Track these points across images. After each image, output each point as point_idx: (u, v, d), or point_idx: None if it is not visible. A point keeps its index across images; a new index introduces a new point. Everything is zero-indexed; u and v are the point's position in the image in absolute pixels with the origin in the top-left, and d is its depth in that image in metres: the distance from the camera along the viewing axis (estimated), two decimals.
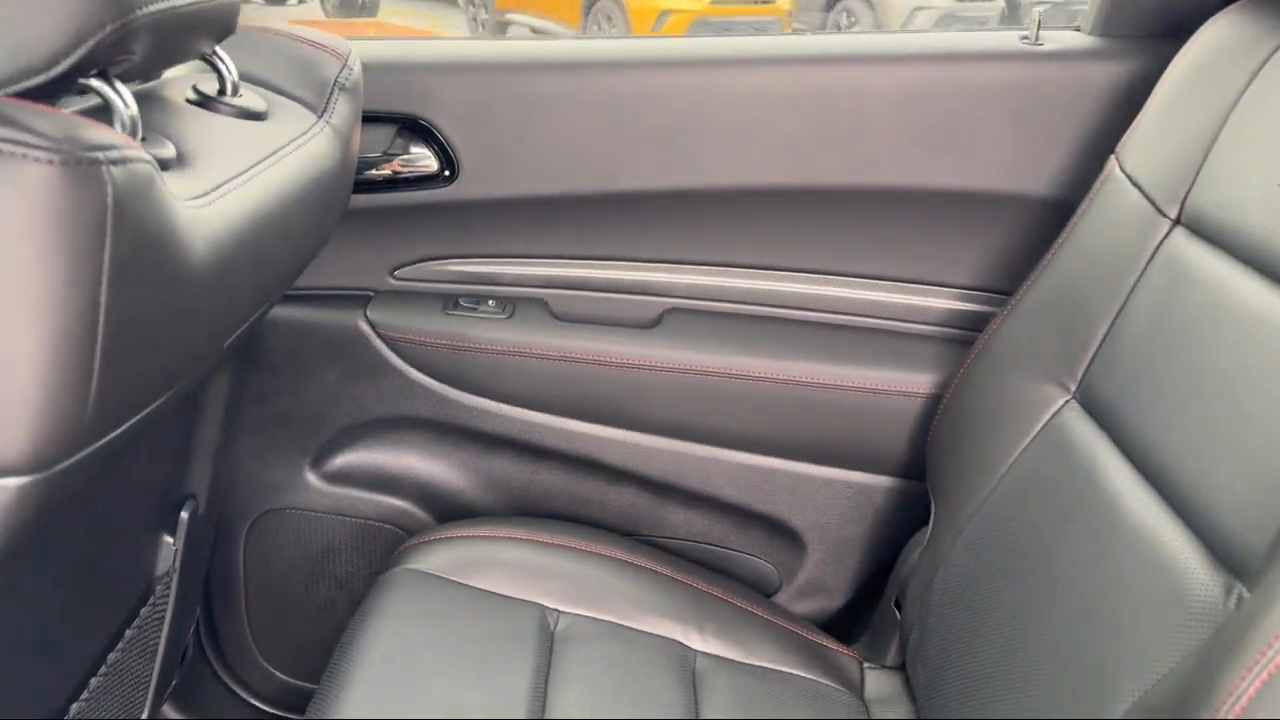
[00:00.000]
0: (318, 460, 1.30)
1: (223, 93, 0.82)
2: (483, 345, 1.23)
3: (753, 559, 1.31)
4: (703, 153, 1.18)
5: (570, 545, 1.13)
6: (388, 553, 1.26)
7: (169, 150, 0.67)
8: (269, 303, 0.88)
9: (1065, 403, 0.94)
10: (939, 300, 1.25)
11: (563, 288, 1.27)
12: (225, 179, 0.69)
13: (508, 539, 1.12)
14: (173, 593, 1.06)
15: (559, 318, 1.27)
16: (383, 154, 1.19)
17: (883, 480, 1.24)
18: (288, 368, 1.26)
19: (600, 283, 1.27)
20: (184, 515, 1.04)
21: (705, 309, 1.28)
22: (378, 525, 1.32)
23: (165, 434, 0.96)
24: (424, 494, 1.31)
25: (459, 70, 1.19)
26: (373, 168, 1.19)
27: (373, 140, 1.17)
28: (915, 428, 1.20)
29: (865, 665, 1.11)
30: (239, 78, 0.83)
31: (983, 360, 1.08)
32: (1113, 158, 1.02)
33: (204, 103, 0.80)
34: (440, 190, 1.20)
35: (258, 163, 0.75)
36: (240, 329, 0.79)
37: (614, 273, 1.27)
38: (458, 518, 1.23)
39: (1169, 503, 0.77)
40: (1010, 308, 1.07)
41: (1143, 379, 0.86)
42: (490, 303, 1.26)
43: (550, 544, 1.12)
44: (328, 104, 0.92)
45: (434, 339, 1.24)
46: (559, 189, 1.21)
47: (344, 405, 1.27)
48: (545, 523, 1.20)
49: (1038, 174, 1.16)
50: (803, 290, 1.26)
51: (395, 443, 1.30)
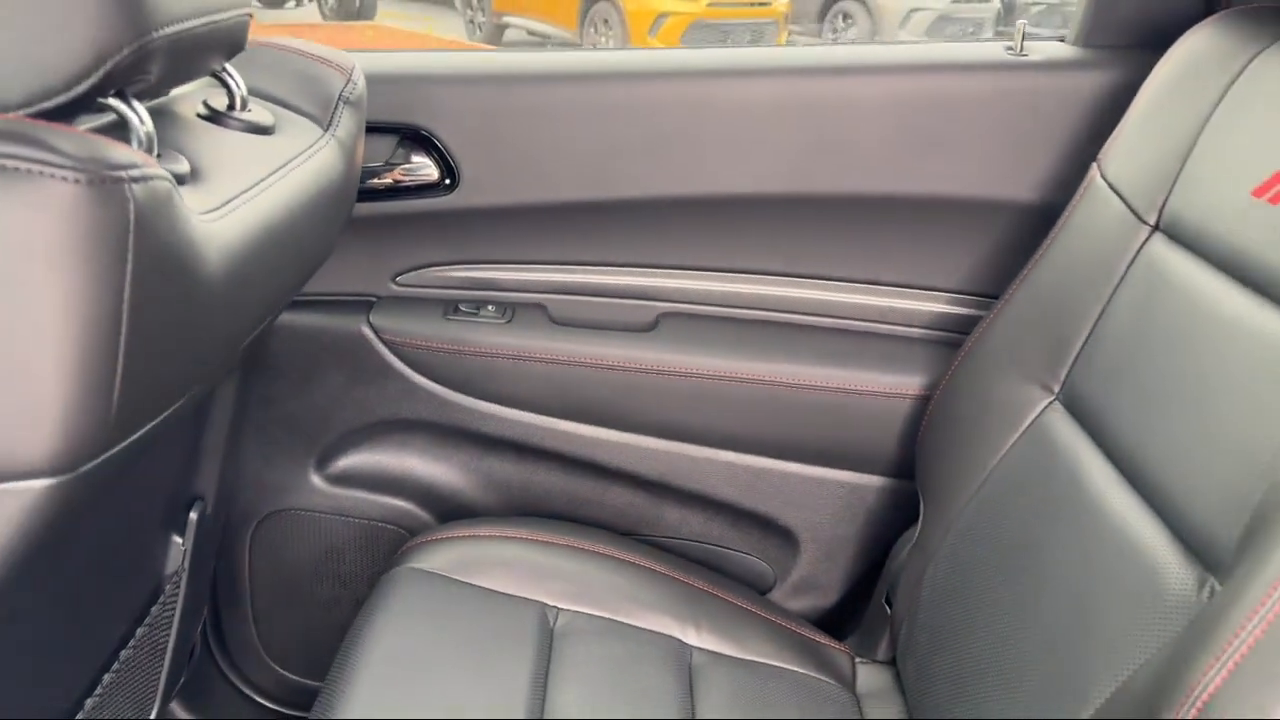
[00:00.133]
0: (322, 462, 1.31)
1: (232, 108, 0.83)
2: (483, 349, 1.25)
3: (747, 557, 1.32)
4: (697, 161, 1.20)
5: (569, 544, 1.14)
6: (390, 552, 1.28)
7: (183, 166, 0.69)
8: (278, 310, 0.90)
9: (1049, 404, 0.96)
10: (928, 304, 1.26)
11: (560, 293, 1.29)
12: (237, 193, 0.71)
13: (508, 538, 1.14)
14: (182, 592, 1.06)
15: (557, 322, 1.28)
16: (385, 163, 1.20)
17: (874, 480, 1.26)
18: (293, 372, 1.27)
19: (597, 288, 1.28)
20: (193, 516, 1.05)
21: (700, 313, 1.29)
22: (381, 526, 1.33)
23: (175, 437, 0.97)
24: (426, 495, 1.33)
25: (459, 82, 1.21)
26: (375, 177, 1.20)
27: (375, 150, 1.19)
28: (905, 428, 1.22)
29: (857, 660, 1.12)
30: (247, 93, 0.85)
31: (970, 363, 1.10)
32: (1094, 165, 1.04)
33: (214, 118, 0.82)
34: (441, 199, 1.22)
35: (267, 176, 0.77)
36: (251, 335, 0.81)
37: (610, 278, 1.28)
38: (459, 518, 1.24)
39: (1146, 500, 0.79)
40: (996, 311, 1.08)
41: (1122, 381, 0.88)
42: (490, 308, 1.27)
43: (549, 543, 1.14)
44: (333, 118, 0.93)
45: (435, 343, 1.25)
46: (557, 197, 1.22)
47: (347, 408, 1.28)
48: (545, 522, 1.21)
49: (1023, 181, 1.18)
50: (795, 295, 1.27)
51: (397, 445, 1.31)
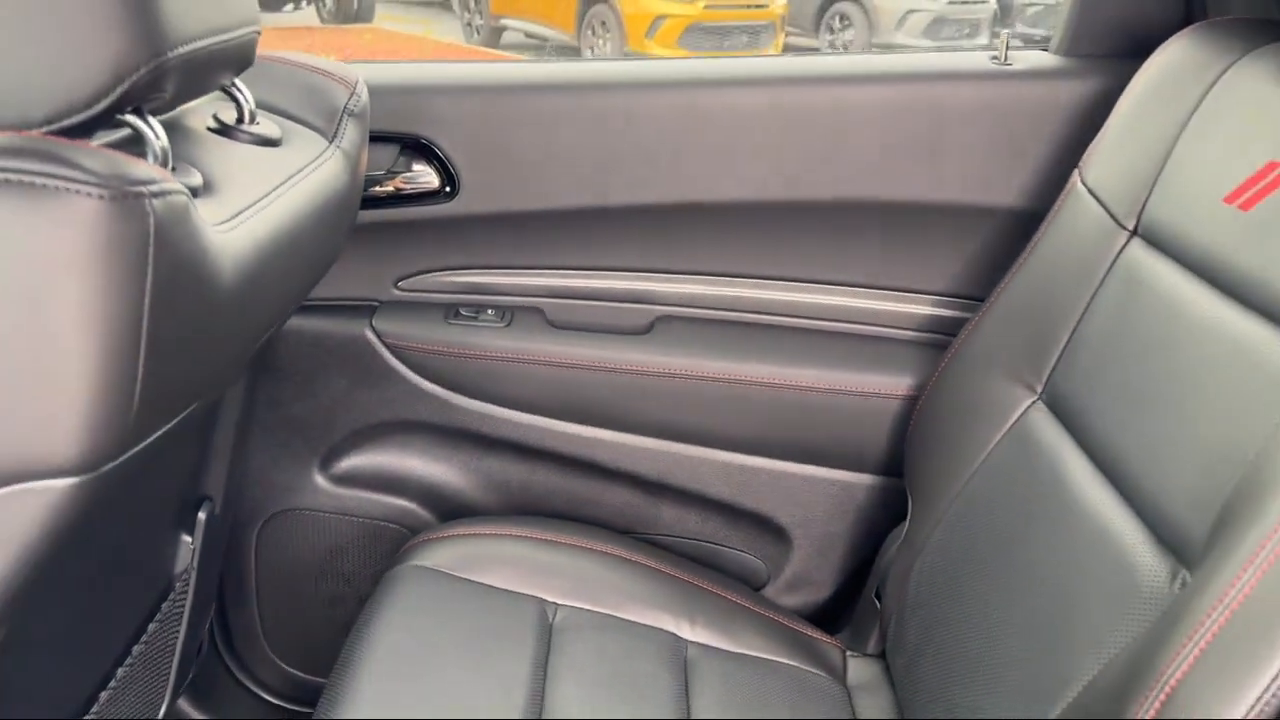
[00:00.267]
0: (326, 463, 1.34)
1: (241, 121, 0.86)
2: (482, 352, 1.27)
3: (742, 554, 1.34)
4: (691, 168, 1.23)
5: (567, 542, 1.16)
6: (393, 551, 1.30)
7: (197, 179, 0.72)
8: (287, 315, 0.92)
9: (1032, 403, 0.99)
10: (916, 306, 1.29)
11: (558, 297, 1.31)
12: (248, 204, 0.74)
13: (508, 536, 1.16)
14: (191, 589, 1.08)
15: (555, 325, 1.30)
16: (387, 172, 1.23)
17: (864, 478, 1.28)
18: (298, 375, 1.29)
19: (594, 292, 1.31)
20: (201, 515, 1.07)
21: (695, 316, 1.32)
22: (383, 525, 1.35)
23: (186, 439, 1.00)
24: (427, 494, 1.35)
25: (459, 93, 1.24)
26: (377, 185, 1.23)
27: (377, 159, 1.21)
28: (894, 427, 1.24)
29: (848, 653, 1.15)
30: (255, 106, 0.88)
31: (956, 364, 1.13)
32: (1076, 172, 1.06)
33: (224, 131, 0.84)
34: (441, 206, 1.25)
35: (276, 188, 0.80)
36: (262, 340, 0.84)
37: (607, 282, 1.31)
38: (460, 517, 1.26)
39: (1124, 496, 0.82)
40: (982, 314, 1.11)
41: (1102, 381, 0.90)
42: (489, 312, 1.30)
43: (548, 541, 1.16)
44: (338, 130, 0.96)
45: (436, 347, 1.27)
46: (554, 204, 1.25)
47: (351, 410, 1.31)
48: (543, 521, 1.23)
49: (1007, 187, 1.20)
50: (787, 298, 1.30)
51: (400, 446, 1.34)
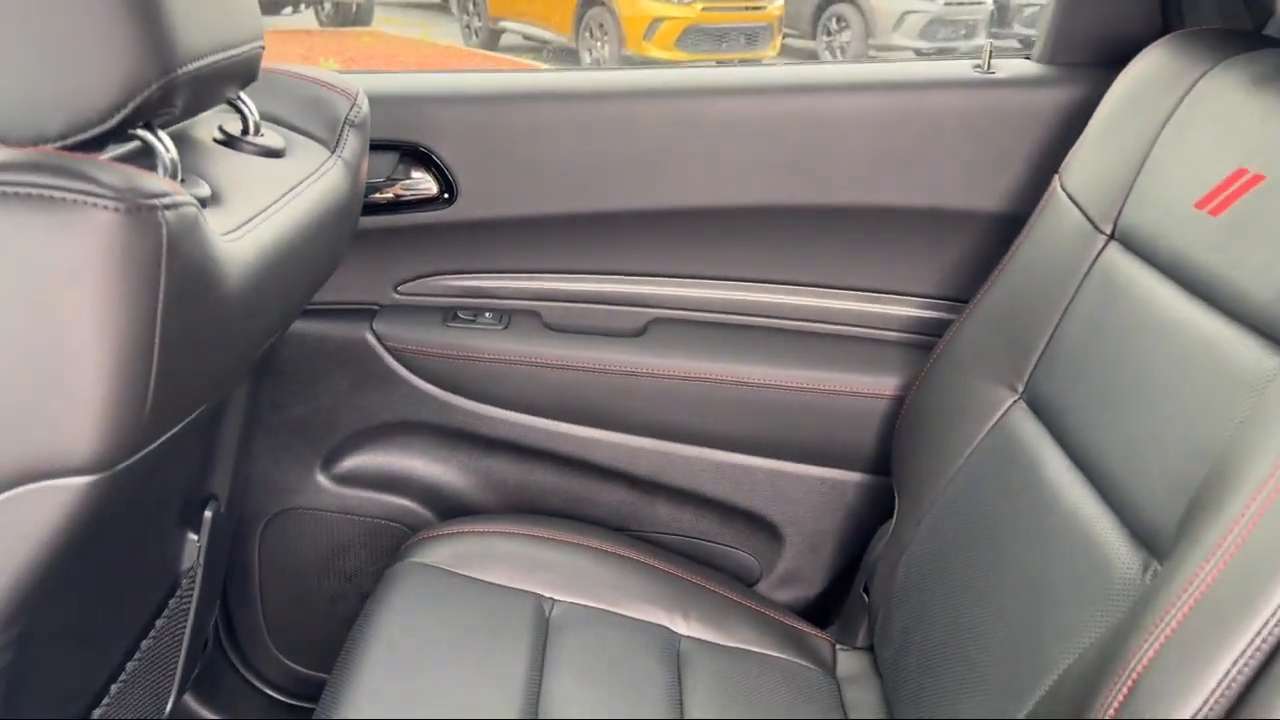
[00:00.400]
0: (328, 463, 1.36)
1: (246, 133, 0.88)
2: (481, 354, 1.29)
3: (735, 551, 1.37)
4: (683, 175, 1.25)
5: (564, 539, 1.19)
6: (394, 549, 1.31)
7: (205, 190, 0.75)
8: (291, 319, 0.95)
9: (1014, 402, 1.01)
10: (902, 308, 1.31)
11: (554, 300, 1.34)
12: (254, 214, 0.77)
13: (506, 534, 1.18)
14: (197, 586, 1.11)
15: (551, 328, 1.33)
16: (386, 179, 1.26)
17: (853, 476, 1.31)
18: (301, 377, 1.32)
19: (589, 295, 1.33)
20: (207, 514, 1.10)
21: (688, 318, 1.34)
22: (384, 523, 1.38)
23: (193, 440, 1.03)
24: (427, 494, 1.37)
25: (456, 102, 1.26)
26: (377, 192, 1.25)
27: (377, 166, 1.24)
28: (882, 427, 1.27)
29: (837, 647, 1.17)
30: (259, 118, 0.90)
31: (941, 364, 1.15)
32: (1056, 178, 1.09)
33: (230, 143, 0.87)
34: (440, 212, 1.27)
35: (280, 198, 0.82)
36: (267, 344, 0.87)
37: (602, 286, 1.33)
38: (459, 515, 1.28)
39: (1099, 491, 0.85)
40: (965, 315, 1.14)
41: (1080, 380, 0.93)
42: (487, 315, 1.32)
43: (545, 538, 1.18)
44: (339, 140, 0.98)
45: (435, 349, 1.30)
46: (550, 209, 1.27)
47: (352, 412, 1.33)
48: (541, 519, 1.25)
49: (990, 192, 1.23)
50: (778, 300, 1.33)
51: (400, 446, 1.36)
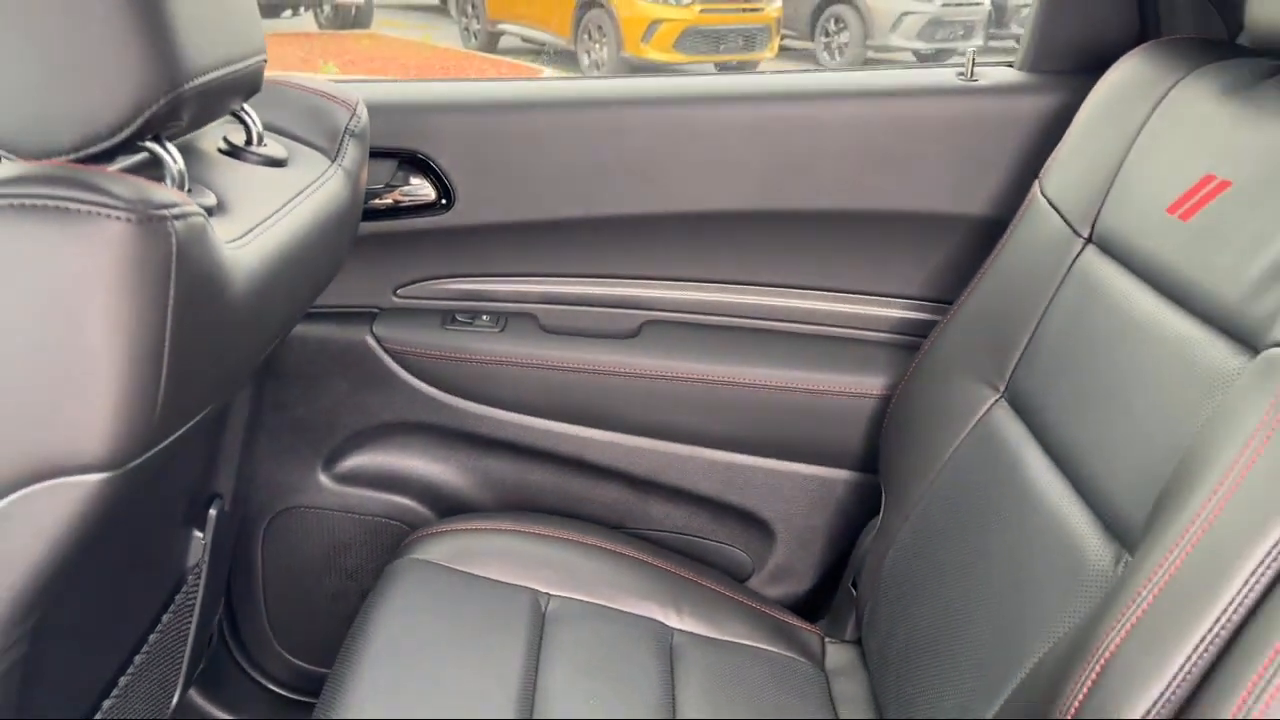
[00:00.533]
0: (329, 463, 1.38)
1: (249, 143, 0.91)
2: (478, 356, 1.32)
3: (727, 547, 1.39)
4: (675, 180, 1.28)
5: (560, 536, 1.21)
6: (394, 546, 1.35)
7: (211, 199, 0.77)
8: (294, 323, 0.98)
9: (995, 401, 1.04)
10: (888, 310, 1.34)
11: (550, 303, 1.36)
12: (258, 222, 0.80)
13: (503, 531, 1.20)
14: (202, 583, 1.14)
15: (547, 330, 1.35)
16: (385, 185, 1.28)
17: (842, 474, 1.33)
18: (303, 379, 1.34)
19: (584, 298, 1.36)
20: (212, 513, 1.13)
21: (681, 321, 1.37)
22: (384, 521, 1.40)
23: (198, 440, 1.05)
24: (426, 492, 1.40)
25: (454, 109, 1.29)
26: (377, 198, 1.28)
27: (376, 173, 1.27)
28: (869, 425, 1.30)
29: (826, 640, 1.20)
30: (262, 128, 0.93)
31: (926, 364, 1.18)
32: (1036, 183, 1.12)
33: (234, 153, 0.90)
34: (438, 217, 1.30)
35: (283, 206, 0.85)
36: (271, 347, 0.90)
37: (596, 289, 1.36)
38: (457, 513, 1.31)
39: (1075, 486, 0.87)
40: (949, 317, 1.17)
41: (1058, 380, 0.96)
42: (484, 318, 1.35)
43: (542, 535, 1.21)
44: (340, 149, 1.01)
45: (434, 351, 1.33)
46: (546, 214, 1.30)
47: (353, 412, 1.36)
48: (537, 516, 1.28)
49: (973, 197, 1.26)
50: (768, 302, 1.35)
51: (399, 446, 1.38)
